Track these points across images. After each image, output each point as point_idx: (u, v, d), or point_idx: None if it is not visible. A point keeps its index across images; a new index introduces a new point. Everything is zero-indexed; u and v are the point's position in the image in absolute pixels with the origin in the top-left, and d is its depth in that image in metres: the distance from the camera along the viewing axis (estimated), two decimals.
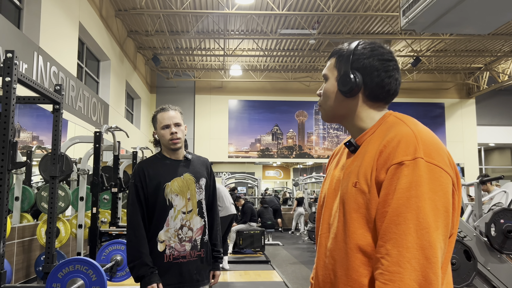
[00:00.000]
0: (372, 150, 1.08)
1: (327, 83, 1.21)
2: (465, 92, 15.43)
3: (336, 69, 1.19)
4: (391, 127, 1.09)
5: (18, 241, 4.62)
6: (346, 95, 1.15)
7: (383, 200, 1.00)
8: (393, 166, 0.99)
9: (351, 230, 1.06)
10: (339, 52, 1.20)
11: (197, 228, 2.20)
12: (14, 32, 4.75)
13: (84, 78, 8.04)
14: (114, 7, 9.22)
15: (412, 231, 0.94)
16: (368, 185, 1.04)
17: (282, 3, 9.25)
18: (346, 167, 1.16)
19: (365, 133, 1.15)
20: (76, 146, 5.70)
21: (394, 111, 1.18)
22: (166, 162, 2.25)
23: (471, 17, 5.99)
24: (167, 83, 14.30)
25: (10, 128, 2.79)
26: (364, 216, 1.04)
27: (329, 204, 1.19)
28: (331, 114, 1.21)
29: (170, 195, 2.17)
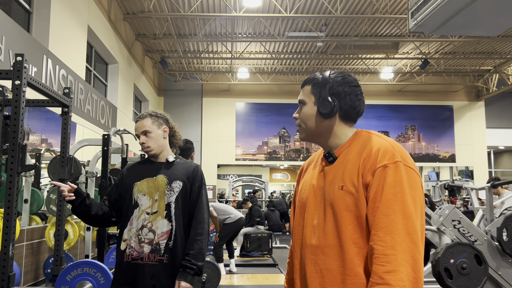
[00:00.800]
0: (353, 158, 1.30)
1: (305, 107, 1.39)
2: (474, 95, 15.30)
3: (313, 95, 1.39)
4: (367, 140, 1.32)
5: (27, 243, 4.64)
6: (326, 116, 1.35)
7: (373, 196, 1.20)
8: (379, 168, 1.22)
9: (343, 227, 1.24)
10: (313, 81, 1.40)
11: (162, 231, 2.10)
12: (24, 36, 4.79)
13: (92, 81, 8.09)
14: (123, 10, 9.27)
15: (400, 219, 1.16)
16: (355, 186, 1.24)
17: (290, 5, 9.25)
18: (327, 174, 1.35)
19: (342, 147, 1.37)
20: (85, 149, 5.72)
21: (362, 129, 1.41)
22: (146, 164, 2.26)
23: (481, 19, 5.93)
24: (174, 86, 14.35)
25: (20, 131, 2.81)
26: (354, 213, 1.24)
27: (311, 209, 1.37)
28: (311, 134, 1.40)
29: (137, 194, 2.16)
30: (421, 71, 13.52)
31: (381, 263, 1.14)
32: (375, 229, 1.18)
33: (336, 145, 1.38)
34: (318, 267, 1.29)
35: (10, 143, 2.77)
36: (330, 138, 1.39)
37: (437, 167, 15.60)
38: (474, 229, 3.36)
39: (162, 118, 2.28)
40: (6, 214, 2.72)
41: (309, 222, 1.34)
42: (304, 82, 1.44)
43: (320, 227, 1.30)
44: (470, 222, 3.40)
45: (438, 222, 3.45)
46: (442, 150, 14.99)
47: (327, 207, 1.29)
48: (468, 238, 3.36)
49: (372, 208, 1.20)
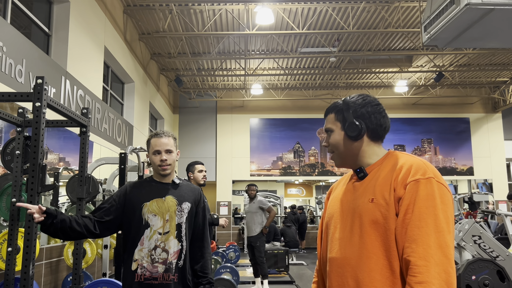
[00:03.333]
0: (385, 174, 1.33)
1: (333, 135, 1.46)
2: (490, 106, 15.11)
3: (338, 121, 1.45)
4: (399, 158, 1.37)
5: (46, 262, 4.69)
6: (354, 138, 1.41)
7: (405, 209, 1.23)
8: (411, 182, 1.25)
9: (371, 239, 1.27)
10: (335, 108, 1.47)
11: (174, 251, 2.16)
12: (43, 58, 4.92)
13: (109, 100, 8.23)
14: (138, 31, 9.46)
15: (432, 232, 1.18)
16: (386, 200, 1.27)
17: (302, 22, 9.33)
18: (357, 189, 1.39)
19: (374, 165, 1.42)
20: (102, 167, 5.80)
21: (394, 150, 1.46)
22: (152, 184, 2.28)
23: (495, 31, 5.89)
24: (189, 104, 14.50)
25: (40, 151, 2.87)
26: (382, 226, 1.26)
27: (337, 223, 1.40)
28: (344, 157, 1.45)
29: (147, 215, 2.17)
30: (436, 84, 13.43)
31: (413, 274, 1.16)
32: (408, 241, 1.20)
33: (367, 164, 1.42)
34: (344, 280, 1.31)
35: (31, 163, 2.83)
36: (361, 158, 1.43)
37: (454, 180, 15.35)
38: (495, 244, 3.29)
39: (176, 142, 2.40)
40: (27, 233, 2.76)
41: (336, 235, 1.38)
42: (327, 112, 1.51)
43: (346, 240, 1.33)
44: (491, 237, 3.33)
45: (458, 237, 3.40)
46: (459, 163, 14.77)
47: (355, 220, 1.32)
48: (489, 254, 3.30)
49: (403, 220, 1.22)
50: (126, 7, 8.38)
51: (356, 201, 1.35)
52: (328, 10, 8.91)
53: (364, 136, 1.42)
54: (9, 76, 4.28)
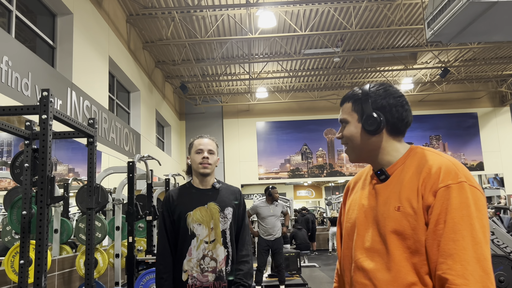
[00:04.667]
0: (411, 178, 1.20)
1: (348, 126, 1.31)
2: (498, 100, 14.98)
3: (355, 112, 1.31)
4: (425, 158, 1.23)
5: (59, 273, 4.70)
6: (372, 133, 1.27)
7: (436, 219, 1.10)
8: (441, 189, 1.12)
9: (399, 251, 1.16)
10: (353, 97, 1.32)
11: (222, 258, 2.16)
12: (48, 71, 4.96)
13: (115, 109, 8.27)
14: (142, 39, 9.52)
15: (469, 246, 1.06)
16: (414, 208, 1.15)
17: (304, 24, 9.33)
18: (380, 194, 1.26)
19: (396, 164, 1.27)
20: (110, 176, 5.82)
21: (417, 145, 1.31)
22: (192, 191, 2.26)
23: (499, 25, 5.85)
24: (195, 110, 14.54)
25: (48, 163, 2.88)
26: (410, 237, 1.15)
27: (361, 231, 1.28)
28: (359, 153, 1.31)
29: (192, 225, 2.16)
30: (442, 79, 13.35)
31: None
32: (442, 256, 1.08)
33: (388, 162, 1.28)
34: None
35: (39, 175, 2.84)
36: (380, 155, 1.29)
37: None
38: (509, 239, 3.25)
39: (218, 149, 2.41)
40: (38, 246, 2.77)
41: (360, 245, 1.26)
42: (343, 100, 1.35)
43: (372, 251, 1.22)
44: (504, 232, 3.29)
45: None
46: (469, 158, 14.65)
47: (381, 230, 1.21)
48: (503, 250, 3.26)
49: (434, 231, 1.11)
50: (129, 16, 8.43)
51: (380, 208, 1.23)
52: (330, 11, 8.90)
53: (383, 131, 1.28)
54: (16, 89, 4.31)
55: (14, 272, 3.61)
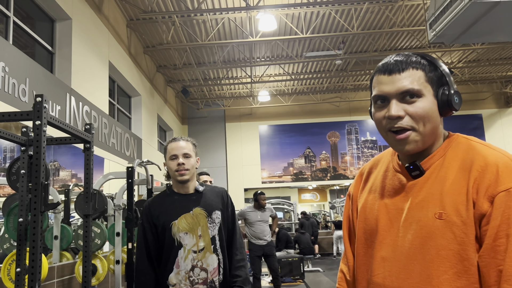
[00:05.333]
0: (456, 176, 0.95)
1: (422, 101, 0.98)
2: (503, 101, 14.86)
3: (429, 84, 1.00)
4: (470, 150, 0.97)
5: (58, 280, 4.66)
6: (448, 114, 1.00)
7: (495, 232, 0.87)
8: (501, 194, 0.88)
9: (439, 271, 0.91)
10: (422, 64, 1.01)
11: (214, 267, 1.98)
12: (47, 76, 4.93)
13: (116, 114, 8.25)
14: (142, 44, 9.50)
15: None
16: (462, 216, 0.90)
17: (306, 26, 9.28)
18: (412, 193, 1.00)
19: (433, 156, 1.01)
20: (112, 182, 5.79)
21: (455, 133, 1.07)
22: (174, 198, 2.08)
23: (502, 25, 5.77)
24: (197, 114, 14.51)
25: (42, 170, 2.84)
26: (457, 253, 0.90)
27: (385, 238, 1.03)
28: (427, 140, 0.99)
29: (178, 234, 1.98)
30: None
31: None
32: (508, 281, 0.83)
33: (425, 154, 1.02)
34: None
35: (33, 182, 2.80)
36: (435, 144, 1.02)
37: None
38: None
39: (196, 149, 2.21)
40: (32, 254, 2.73)
41: (381, 254, 1.02)
42: (407, 64, 1.00)
43: (398, 264, 0.97)
44: None
45: None
46: None
47: (415, 240, 0.96)
48: None
49: (493, 248, 0.86)
50: (129, 21, 8.42)
51: (414, 213, 0.98)
52: (331, 13, 8.85)
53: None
54: (13, 95, 4.29)
55: (10, 280, 3.56)
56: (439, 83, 1.01)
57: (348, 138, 14.63)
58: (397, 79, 0.99)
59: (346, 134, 14.66)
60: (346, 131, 14.64)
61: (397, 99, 0.98)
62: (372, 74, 1.07)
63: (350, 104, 14.65)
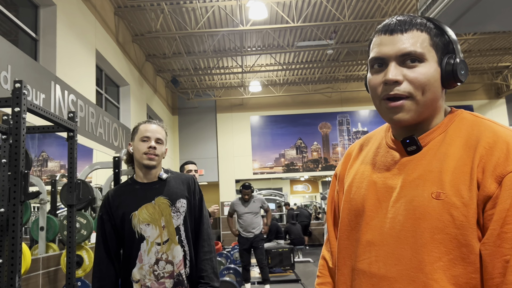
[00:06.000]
0: (458, 152, 0.85)
1: (425, 67, 0.89)
2: (494, 92, 14.90)
3: (433, 50, 0.90)
4: (476, 126, 0.88)
5: (43, 272, 4.58)
6: (451, 85, 0.92)
7: (502, 217, 0.77)
8: (510, 174, 0.78)
9: (433, 257, 0.82)
10: (427, 27, 0.92)
11: (179, 259, 1.87)
12: (30, 64, 4.80)
13: (104, 104, 8.11)
14: (131, 32, 9.34)
15: None
16: (464, 198, 0.81)
17: (297, 15, 9.18)
18: (406, 170, 0.90)
19: (433, 131, 0.91)
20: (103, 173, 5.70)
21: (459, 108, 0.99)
22: (135, 187, 1.96)
23: (494, 14, 5.74)
24: (188, 104, 14.38)
25: (21, 158, 2.75)
26: (453, 238, 0.80)
27: (372, 219, 0.93)
28: (423, 110, 0.90)
29: (139, 226, 1.86)
30: None
31: None
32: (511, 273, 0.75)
33: (425, 129, 0.93)
34: None
35: (12, 171, 2.70)
36: (435, 117, 0.93)
37: None
38: None
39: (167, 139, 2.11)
40: (12, 245, 2.64)
41: (367, 238, 0.93)
42: (412, 25, 0.91)
43: (386, 248, 0.88)
44: None
45: None
46: None
47: (406, 221, 0.86)
48: None
49: (499, 236, 0.77)
50: (117, 8, 8.26)
51: (407, 191, 0.88)
52: (322, 2, 8.75)
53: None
54: None
55: None
56: (445, 50, 0.92)
57: (339, 129, 14.60)
58: (398, 40, 0.90)
59: (337, 125, 14.62)
60: (338, 122, 14.60)
61: (396, 62, 0.90)
62: (372, 36, 0.98)
63: (341, 94, 14.60)
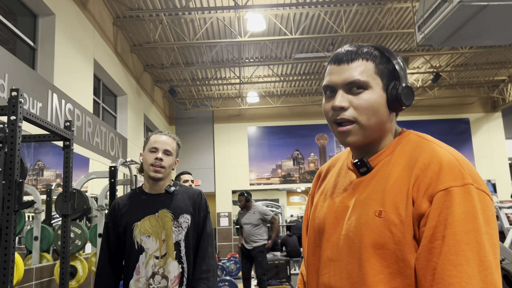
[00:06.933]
0: (399, 173, 0.91)
1: (369, 93, 0.95)
2: (490, 106, 14.98)
3: (378, 77, 0.97)
4: (418, 148, 0.94)
5: (36, 282, 4.53)
6: (396, 109, 0.98)
7: (431, 233, 0.83)
8: (440, 193, 0.84)
9: (373, 271, 0.88)
10: (373, 55, 0.98)
11: (174, 275, 1.84)
12: (28, 73, 4.80)
13: (101, 113, 8.11)
14: (129, 42, 9.37)
15: (475, 273, 0.78)
16: (401, 216, 0.87)
17: (295, 27, 9.24)
18: (358, 191, 0.97)
19: (382, 153, 0.98)
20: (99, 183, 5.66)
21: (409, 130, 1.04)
22: (141, 197, 1.94)
23: (490, 28, 5.80)
24: (185, 114, 14.38)
25: (16, 167, 2.73)
26: (392, 253, 0.86)
27: (330, 237, 0.99)
28: (370, 133, 0.96)
29: (140, 237, 1.85)
30: (434, 85, 13.32)
31: None
32: (439, 284, 0.80)
33: (375, 150, 1.00)
34: None
35: (6, 180, 2.68)
36: (384, 139, 0.99)
37: None
38: (501, 247, 3.13)
39: (179, 150, 2.08)
40: (4, 254, 2.61)
41: (327, 254, 0.99)
42: (357, 55, 0.97)
43: (341, 264, 0.94)
44: None
45: None
46: None
47: (355, 238, 0.92)
48: None
49: (429, 250, 0.83)
50: (115, 18, 8.29)
51: (357, 210, 0.94)
52: (320, 15, 8.82)
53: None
54: None
55: None
56: (390, 76, 0.98)
57: (336, 140, 14.59)
58: (345, 70, 0.97)
59: (334, 137, 14.63)
60: None
61: (343, 90, 0.97)
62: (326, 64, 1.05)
63: None
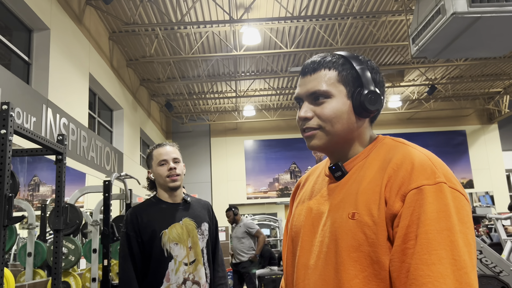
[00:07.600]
0: (373, 175, 0.91)
1: (330, 102, 0.97)
2: (486, 118, 15.03)
3: (342, 84, 0.98)
4: (392, 150, 0.94)
5: None
6: (365, 115, 0.98)
7: (404, 233, 0.81)
8: (412, 192, 0.83)
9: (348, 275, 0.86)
10: (337, 64, 1.01)
11: (205, 281, 1.92)
12: (22, 87, 4.79)
13: (97, 128, 8.08)
14: (125, 57, 9.39)
15: (449, 272, 0.76)
16: (373, 216, 0.86)
17: (290, 41, 9.29)
18: (333, 195, 0.97)
19: (356, 157, 0.98)
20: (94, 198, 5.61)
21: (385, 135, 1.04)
22: (162, 206, 1.98)
23: (483, 40, 5.83)
24: (182, 128, 14.37)
25: (6, 181, 2.69)
26: (367, 255, 0.85)
27: (306, 244, 0.98)
28: (335, 139, 0.98)
29: (168, 244, 1.88)
30: (430, 97, 13.37)
31: None
32: (412, 285, 0.78)
33: (351, 155, 1.00)
34: None
35: None
36: (354, 145, 1.00)
37: None
38: (498, 259, 3.09)
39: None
40: None
41: (303, 261, 0.97)
42: (319, 65, 1.01)
43: (317, 271, 0.92)
44: (492, 252, 3.13)
45: None
46: (458, 176, 14.58)
47: (330, 243, 0.90)
48: (492, 269, 3.09)
49: (402, 251, 0.81)
50: (111, 33, 8.32)
51: (331, 214, 0.93)
52: (315, 28, 8.88)
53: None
54: None
55: None
56: (355, 83, 0.99)
57: None
58: (308, 81, 1.00)
59: None
60: None
61: (308, 100, 1.00)
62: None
63: None
